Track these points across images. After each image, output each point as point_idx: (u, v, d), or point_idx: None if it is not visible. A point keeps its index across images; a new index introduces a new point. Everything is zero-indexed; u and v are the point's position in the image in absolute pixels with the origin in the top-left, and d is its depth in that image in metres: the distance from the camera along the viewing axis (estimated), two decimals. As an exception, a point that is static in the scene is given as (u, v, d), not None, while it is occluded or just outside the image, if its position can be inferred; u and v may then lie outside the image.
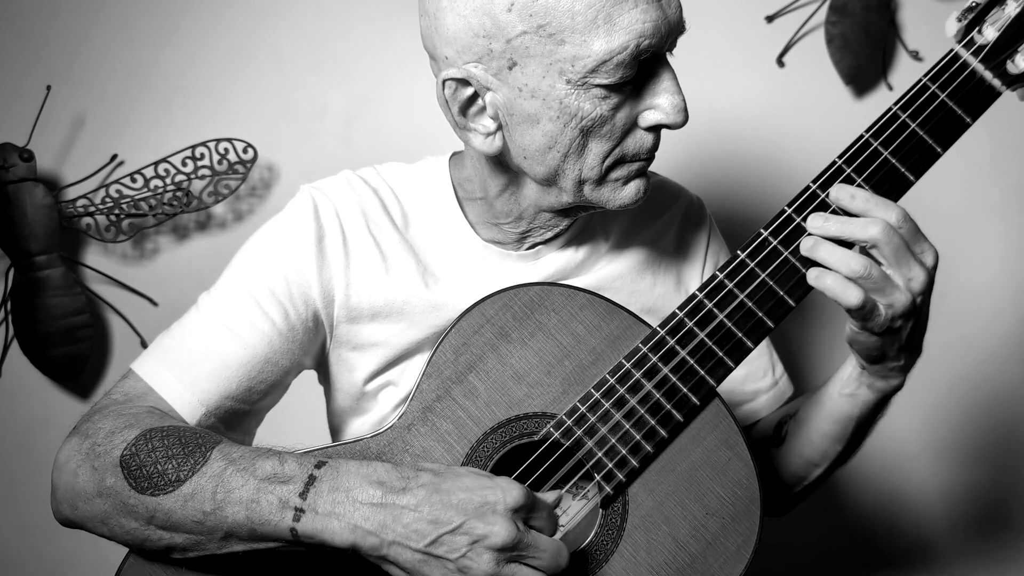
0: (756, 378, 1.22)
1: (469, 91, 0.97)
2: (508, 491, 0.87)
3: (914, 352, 1.01)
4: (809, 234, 0.95)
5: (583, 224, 1.14)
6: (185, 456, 0.91)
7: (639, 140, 0.98)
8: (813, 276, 0.94)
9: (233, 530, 0.88)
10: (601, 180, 1.00)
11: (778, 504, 1.22)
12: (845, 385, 1.06)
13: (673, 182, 1.25)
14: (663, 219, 1.20)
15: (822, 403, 1.09)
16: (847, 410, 1.06)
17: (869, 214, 0.92)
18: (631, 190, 1.02)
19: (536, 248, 1.12)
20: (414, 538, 0.85)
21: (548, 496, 0.94)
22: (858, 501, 1.79)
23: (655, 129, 0.98)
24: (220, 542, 0.89)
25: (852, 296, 0.91)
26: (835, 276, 0.92)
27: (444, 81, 0.97)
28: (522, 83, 0.94)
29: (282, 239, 1.07)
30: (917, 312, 0.95)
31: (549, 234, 1.10)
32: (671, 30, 0.94)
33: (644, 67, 0.95)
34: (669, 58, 0.98)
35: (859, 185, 0.95)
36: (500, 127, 0.99)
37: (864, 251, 0.94)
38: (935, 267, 0.95)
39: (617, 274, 1.15)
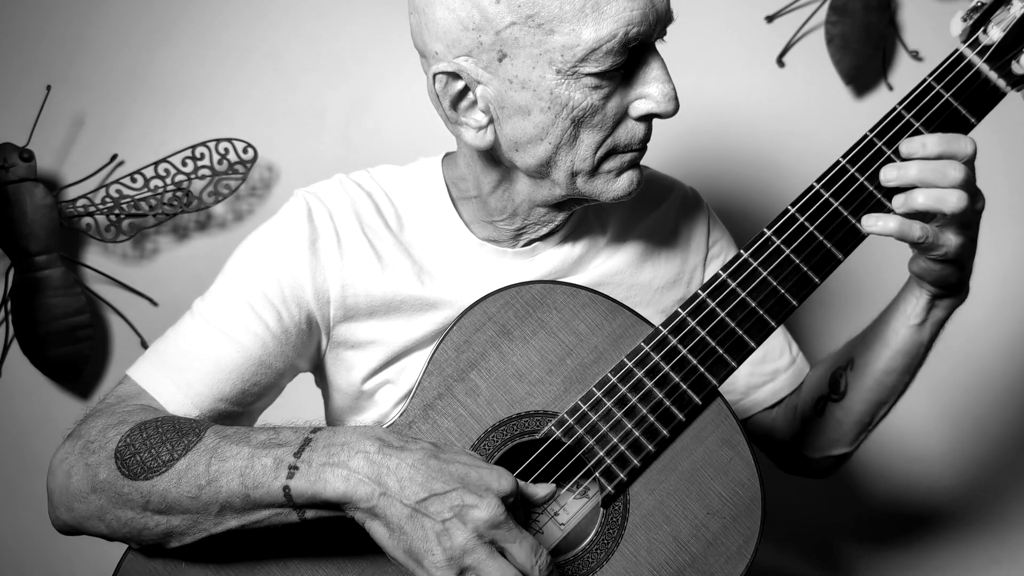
0: (774, 358, 1.23)
1: (460, 85, 0.98)
2: (502, 476, 0.87)
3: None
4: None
5: (579, 219, 1.14)
6: (179, 438, 0.91)
7: (631, 130, 0.99)
8: (872, 223, 0.95)
9: (228, 500, 0.88)
10: (594, 172, 1.00)
11: (832, 464, 1.23)
12: (912, 317, 1.07)
13: (665, 175, 1.26)
14: (659, 211, 1.20)
15: (887, 342, 1.09)
16: (919, 338, 1.08)
17: (947, 154, 0.94)
18: (624, 182, 1.02)
19: (532, 245, 1.12)
20: (407, 493, 0.85)
21: (541, 489, 0.94)
22: (858, 501, 1.79)
23: (646, 119, 0.99)
24: (216, 517, 0.89)
25: (916, 230, 0.94)
26: (896, 218, 0.94)
27: (435, 75, 0.97)
28: (512, 75, 0.94)
29: (275, 243, 1.07)
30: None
31: (544, 230, 1.10)
32: (659, 18, 0.94)
33: (634, 56, 0.95)
34: (660, 47, 0.98)
35: (869, 193, 0.95)
36: (491, 120, 0.99)
37: None
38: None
39: (616, 269, 1.15)
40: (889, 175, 0.95)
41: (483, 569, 0.83)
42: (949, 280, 1.01)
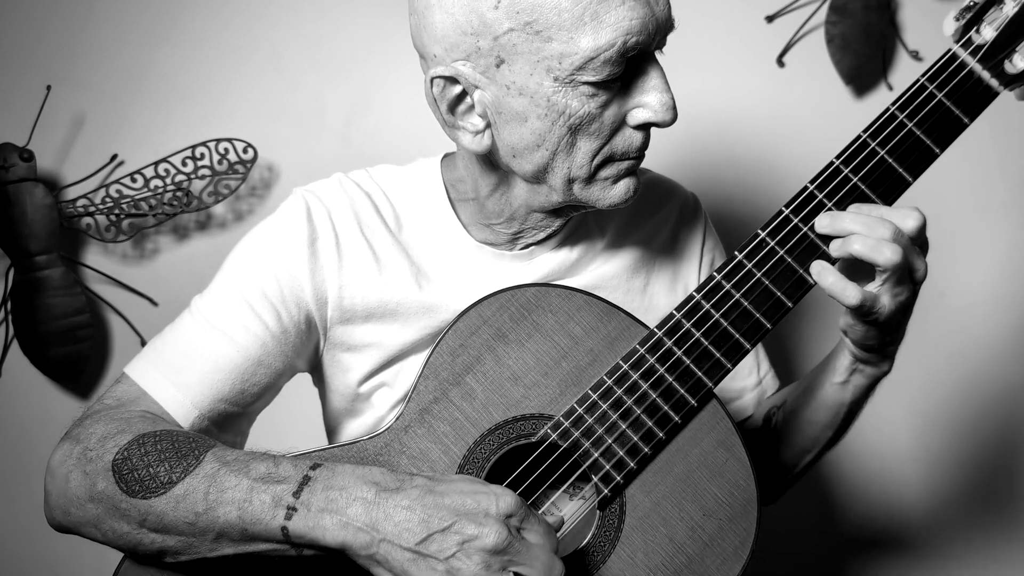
0: (742, 376, 1.23)
1: (457, 89, 0.97)
2: (501, 496, 0.86)
3: (900, 336, 1.02)
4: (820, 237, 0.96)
5: (577, 223, 1.14)
6: (178, 459, 0.90)
7: (628, 138, 0.98)
8: (816, 271, 0.94)
9: (225, 530, 0.88)
10: (590, 179, 1.00)
11: (769, 493, 1.22)
12: (838, 375, 1.06)
13: (667, 179, 1.25)
14: (658, 217, 1.20)
15: (813, 393, 1.10)
16: (840, 397, 1.08)
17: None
18: (621, 189, 1.02)
19: (529, 248, 1.12)
20: (405, 536, 0.84)
21: (549, 518, 0.93)
22: (855, 503, 1.79)
23: (644, 127, 0.98)
24: (212, 543, 0.89)
25: (851, 296, 0.92)
26: (836, 275, 0.92)
27: (432, 79, 0.97)
28: (510, 81, 0.94)
29: (274, 241, 1.07)
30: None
31: (541, 235, 1.10)
32: (659, 27, 0.94)
33: (632, 65, 0.95)
34: (659, 56, 0.98)
35: (862, 193, 0.95)
36: (488, 125, 0.99)
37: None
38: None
39: (612, 273, 1.14)
40: (823, 223, 0.94)
41: None
42: (869, 341, 1.00)
